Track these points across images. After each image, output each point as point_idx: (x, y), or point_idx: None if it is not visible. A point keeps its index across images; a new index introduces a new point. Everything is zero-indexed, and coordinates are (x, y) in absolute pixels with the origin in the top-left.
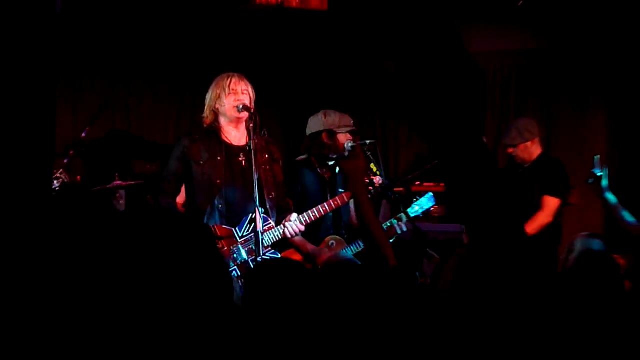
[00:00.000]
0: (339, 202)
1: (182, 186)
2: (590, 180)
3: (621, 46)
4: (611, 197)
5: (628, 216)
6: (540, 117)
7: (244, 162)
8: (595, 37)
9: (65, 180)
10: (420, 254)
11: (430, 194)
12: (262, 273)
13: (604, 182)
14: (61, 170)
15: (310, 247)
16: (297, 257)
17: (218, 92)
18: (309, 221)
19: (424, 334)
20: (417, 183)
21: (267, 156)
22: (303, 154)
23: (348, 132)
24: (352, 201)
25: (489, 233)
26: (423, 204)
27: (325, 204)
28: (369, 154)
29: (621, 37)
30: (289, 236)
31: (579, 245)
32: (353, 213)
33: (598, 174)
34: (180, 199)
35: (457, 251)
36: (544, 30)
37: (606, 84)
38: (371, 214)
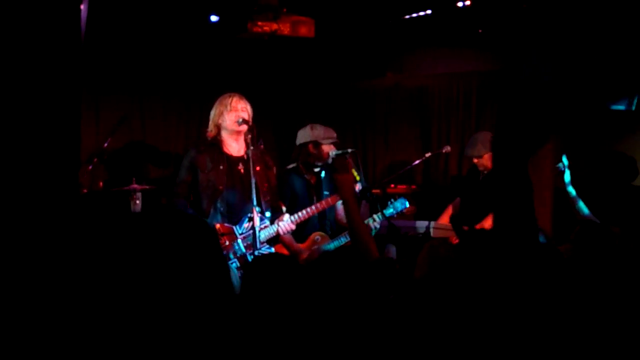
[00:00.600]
0: (324, 205)
1: (191, 190)
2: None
3: (566, 69)
4: (571, 190)
5: (583, 208)
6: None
7: (242, 170)
8: (544, 59)
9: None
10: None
11: (404, 199)
12: (259, 265)
13: (566, 177)
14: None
15: (296, 245)
16: (285, 252)
17: (221, 109)
18: (298, 220)
19: (407, 316)
20: (392, 186)
21: (262, 165)
22: (293, 162)
23: (331, 143)
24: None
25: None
26: (397, 207)
27: (313, 206)
28: (350, 161)
29: (566, 61)
30: (282, 233)
31: None
32: (341, 212)
33: (561, 169)
34: None
35: (428, 244)
36: (500, 54)
37: (552, 103)
38: (358, 218)
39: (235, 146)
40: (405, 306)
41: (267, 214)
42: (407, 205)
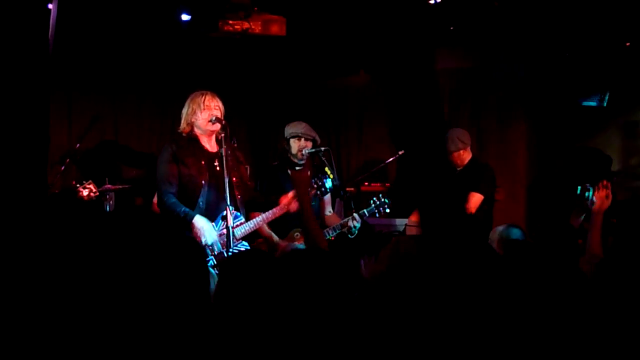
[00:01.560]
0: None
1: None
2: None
3: (538, 66)
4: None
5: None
6: (470, 127)
7: (218, 167)
8: (516, 57)
9: (94, 191)
10: (365, 243)
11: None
12: (233, 262)
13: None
14: (90, 181)
15: (275, 239)
16: (264, 247)
17: (194, 107)
18: (269, 218)
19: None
20: (366, 183)
21: (234, 161)
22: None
23: (295, 137)
24: (325, 198)
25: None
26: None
27: (271, 211)
28: (323, 159)
29: (538, 59)
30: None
31: (495, 234)
32: (327, 210)
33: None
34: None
35: (393, 239)
36: (473, 52)
37: (526, 99)
38: (311, 215)
39: (210, 143)
40: (366, 303)
41: (242, 210)
42: (387, 203)
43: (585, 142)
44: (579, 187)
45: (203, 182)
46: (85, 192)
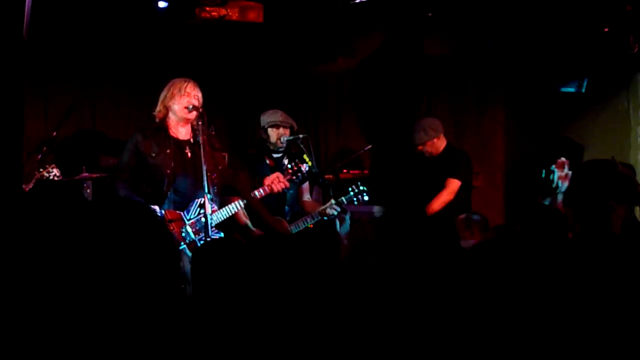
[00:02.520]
0: (267, 190)
1: (133, 174)
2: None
3: (515, 53)
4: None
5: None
6: (447, 114)
7: (189, 154)
8: (494, 44)
9: (57, 175)
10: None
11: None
12: (208, 250)
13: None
14: (53, 165)
15: (251, 226)
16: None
17: (173, 91)
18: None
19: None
20: (345, 171)
21: (208, 147)
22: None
23: (273, 125)
24: (303, 185)
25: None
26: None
27: (260, 188)
28: (302, 146)
29: (515, 45)
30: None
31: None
32: (305, 197)
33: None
34: None
35: (355, 225)
36: (451, 39)
37: (503, 86)
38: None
39: (181, 130)
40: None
41: (216, 198)
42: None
43: (563, 128)
44: (543, 171)
45: (169, 171)
46: (49, 176)
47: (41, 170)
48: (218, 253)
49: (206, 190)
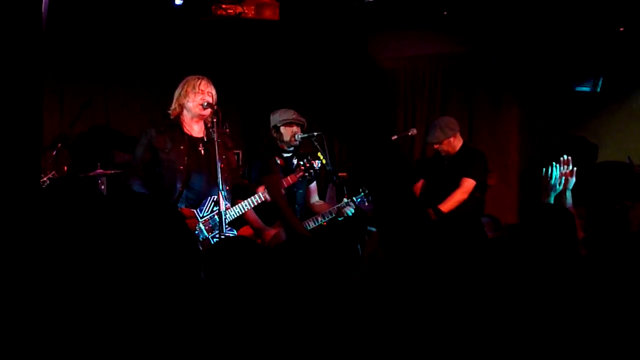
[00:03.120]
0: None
1: (147, 170)
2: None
3: (529, 50)
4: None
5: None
6: (462, 112)
7: (202, 151)
8: (508, 42)
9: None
10: (361, 231)
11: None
12: (222, 249)
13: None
14: (54, 172)
15: (261, 225)
16: (249, 231)
17: (187, 89)
18: (258, 202)
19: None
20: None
21: (223, 147)
22: (264, 148)
23: (287, 123)
24: (311, 186)
25: (398, 218)
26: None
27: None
28: (316, 144)
29: (529, 42)
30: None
31: None
32: (312, 197)
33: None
34: None
35: (372, 234)
36: (466, 37)
37: (518, 84)
38: (290, 213)
39: (195, 127)
40: (367, 289)
41: (229, 195)
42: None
43: (578, 127)
44: (543, 169)
45: (182, 167)
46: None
47: (48, 173)
48: (232, 251)
49: (220, 187)
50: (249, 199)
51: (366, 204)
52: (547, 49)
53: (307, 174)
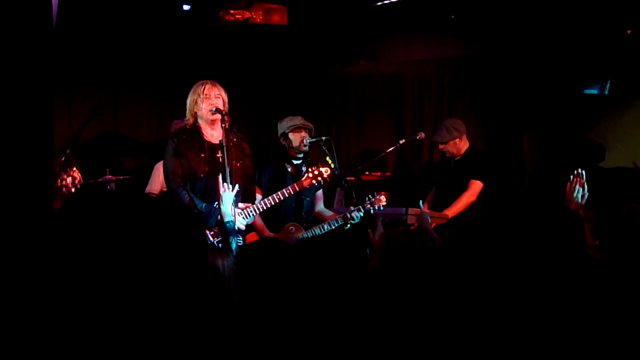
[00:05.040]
0: (286, 193)
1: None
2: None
3: (538, 54)
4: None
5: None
6: (470, 116)
7: (220, 158)
8: (515, 44)
9: (77, 179)
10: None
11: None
12: (252, 253)
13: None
14: (74, 168)
15: (267, 232)
16: (255, 238)
17: (195, 97)
18: (268, 205)
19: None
20: (367, 173)
21: (239, 152)
22: (273, 154)
23: (295, 128)
24: (317, 194)
25: None
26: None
27: (279, 192)
28: (324, 148)
29: (538, 47)
30: (247, 216)
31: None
32: (318, 204)
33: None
34: (156, 188)
35: (386, 232)
36: (473, 40)
37: (526, 87)
38: None
39: (212, 133)
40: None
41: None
42: (382, 198)
43: (585, 130)
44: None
45: (202, 175)
46: (69, 180)
47: (62, 173)
48: (262, 255)
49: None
50: (263, 200)
51: (371, 212)
52: (555, 51)
53: (315, 182)
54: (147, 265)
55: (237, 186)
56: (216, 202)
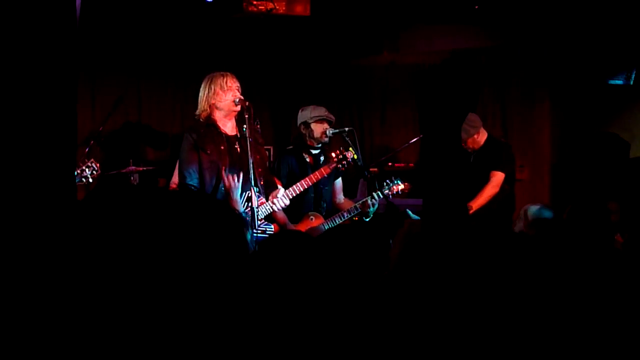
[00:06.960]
0: (315, 177)
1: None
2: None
3: (562, 45)
4: None
5: None
6: (494, 107)
7: (238, 149)
8: (541, 36)
9: (96, 169)
10: (393, 224)
11: (398, 179)
12: (275, 244)
13: None
14: (92, 159)
15: (289, 225)
16: (276, 229)
17: (215, 88)
18: (293, 194)
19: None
20: (390, 164)
21: (253, 141)
22: (292, 144)
23: (319, 120)
24: (337, 184)
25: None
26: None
27: (303, 180)
28: (347, 139)
29: (562, 37)
30: (277, 209)
31: (529, 214)
32: (338, 194)
33: None
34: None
35: (407, 222)
36: (498, 30)
37: (550, 78)
38: None
39: (229, 125)
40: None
41: (263, 190)
42: (400, 183)
43: (610, 121)
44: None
45: (224, 167)
46: (87, 172)
47: (81, 164)
48: (285, 246)
49: (253, 183)
50: (284, 191)
51: (390, 197)
52: (580, 42)
53: (339, 165)
54: (184, 265)
55: (246, 175)
56: (243, 193)
